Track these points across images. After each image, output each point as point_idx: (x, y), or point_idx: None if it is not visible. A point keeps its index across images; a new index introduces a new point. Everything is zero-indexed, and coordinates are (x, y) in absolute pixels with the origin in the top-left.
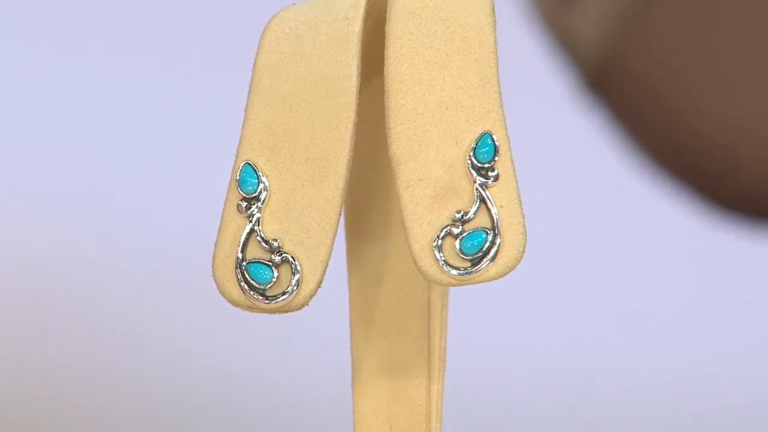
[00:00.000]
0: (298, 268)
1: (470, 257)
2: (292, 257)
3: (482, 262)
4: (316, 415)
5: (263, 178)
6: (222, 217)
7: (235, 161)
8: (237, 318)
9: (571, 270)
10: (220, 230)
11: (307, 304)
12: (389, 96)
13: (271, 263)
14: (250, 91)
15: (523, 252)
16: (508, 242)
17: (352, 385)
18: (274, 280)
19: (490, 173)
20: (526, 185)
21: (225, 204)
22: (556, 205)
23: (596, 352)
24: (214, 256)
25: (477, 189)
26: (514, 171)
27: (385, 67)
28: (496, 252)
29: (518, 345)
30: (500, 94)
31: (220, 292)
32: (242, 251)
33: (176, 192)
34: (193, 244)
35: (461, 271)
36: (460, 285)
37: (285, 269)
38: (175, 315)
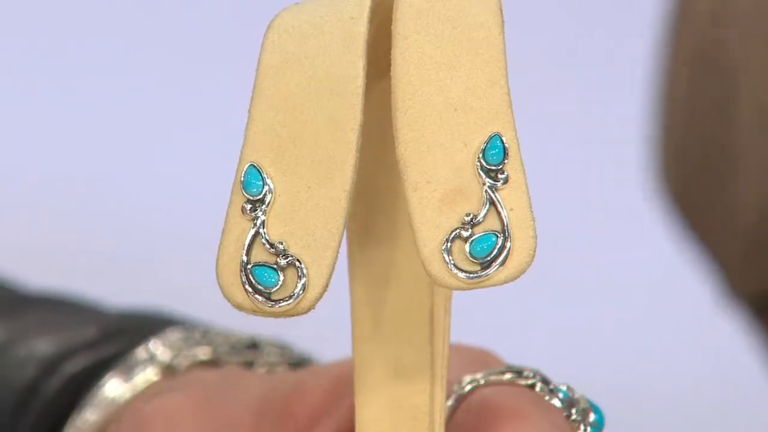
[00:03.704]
0: (304, 271)
1: (480, 261)
2: (298, 260)
3: (492, 266)
4: None
5: (268, 180)
6: (226, 219)
7: (240, 163)
8: (241, 321)
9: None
10: (224, 233)
11: (313, 308)
12: (396, 97)
13: (276, 266)
14: (253, 92)
15: (533, 256)
16: (518, 246)
17: (355, 392)
18: (279, 283)
19: (499, 175)
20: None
21: (229, 206)
22: None
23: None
24: (218, 260)
25: (486, 191)
26: (524, 173)
27: (391, 68)
28: (506, 256)
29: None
30: (509, 95)
31: (225, 295)
32: (247, 254)
33: (180, 194)
34: (196, 247)
35: (470, 275)
36: (469, 289)
37: (291, 272)
38: None
